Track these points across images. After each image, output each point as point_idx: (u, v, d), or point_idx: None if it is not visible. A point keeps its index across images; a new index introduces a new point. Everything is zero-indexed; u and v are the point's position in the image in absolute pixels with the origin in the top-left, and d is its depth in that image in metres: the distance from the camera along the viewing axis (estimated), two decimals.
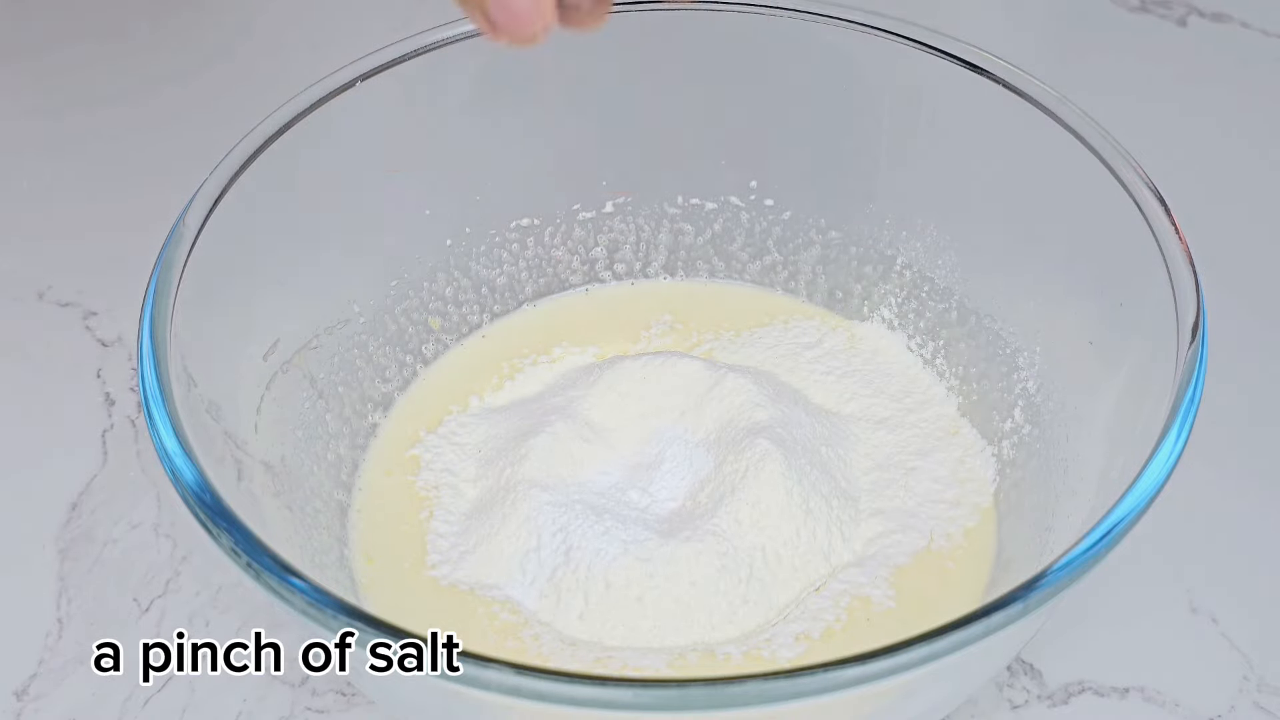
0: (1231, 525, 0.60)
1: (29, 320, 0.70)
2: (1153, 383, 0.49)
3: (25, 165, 0.77)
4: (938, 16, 0.61)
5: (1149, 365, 0.49)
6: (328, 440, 0.57)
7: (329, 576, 0.52)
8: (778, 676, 0.40)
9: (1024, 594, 0.42)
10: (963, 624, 0.41)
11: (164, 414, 0.46)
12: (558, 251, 0.65)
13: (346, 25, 0.82)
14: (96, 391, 0.67)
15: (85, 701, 0.56)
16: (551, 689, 0.40)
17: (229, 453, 0.49)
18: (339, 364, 0.58)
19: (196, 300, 0.50)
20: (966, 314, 0.61)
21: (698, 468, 0.56)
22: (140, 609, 0.59)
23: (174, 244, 0.51)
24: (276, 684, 0.56)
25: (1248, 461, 0.62)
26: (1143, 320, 0.51)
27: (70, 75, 0.81)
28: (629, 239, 0.65)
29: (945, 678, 0.45)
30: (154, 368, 0.47)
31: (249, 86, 0.74)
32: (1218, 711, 0.55)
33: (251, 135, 0.54)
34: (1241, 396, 0.64)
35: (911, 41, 0.58)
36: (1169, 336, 0.49)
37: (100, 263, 0.71)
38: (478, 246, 0.63)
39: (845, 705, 0.42)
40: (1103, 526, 0.44)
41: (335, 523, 0.55)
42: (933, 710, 0.49)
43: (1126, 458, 0.48)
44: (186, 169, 0.56)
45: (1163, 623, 0.58)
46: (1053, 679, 0.56)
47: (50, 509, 0.62)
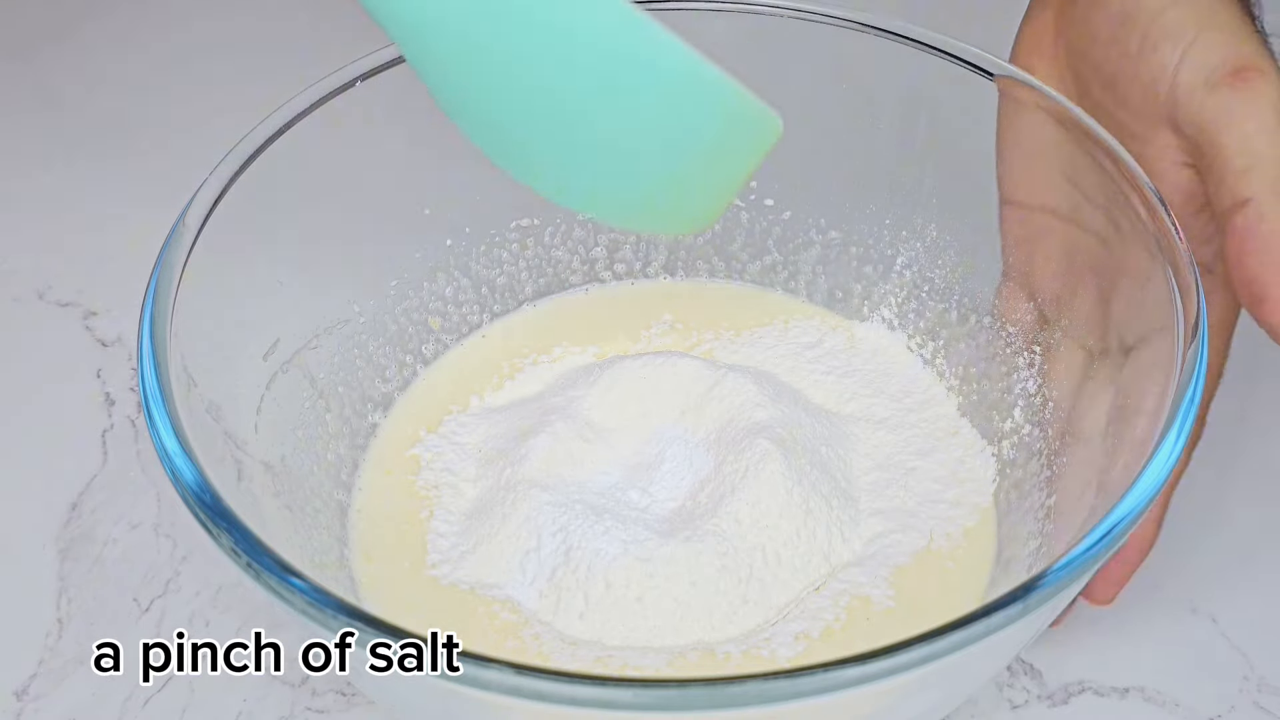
0: (1231, 525, 0.60)
1: (29, 320, 0.70)
2: (1153, 382, 0.49)
3: (25, 165, 0.77)
4: (938, 16, 0.61)
5: (1149, 365, 0.49)
6: (328, 440, 0.57)
7: (329, 576, 0.52)
8: (777, 676, 0.40)
9: (1024, 594, 0.42)
10: (963, 624, 0.41)
11: (164, 414, 0.46)
12: (558, 251, 0.65)
13: (346, 26, 0.82)
14: (96, 391, 0.67)
15: (85, 701, 0.56)
16: (551, 689, 0.40)
17: (229, 453, 0.49)
18: (339, 364, 0.58)
19: (196, 300, 0.50)
20: (966, 314, 0.61)
21: (698, 468, 0.56)
22: (140, 609, 0.59)
23: (174, 244, 0.51)
24: (276, 684, 0.56)
25: (1248, 462, 0.62)
26: (1143, 319, 0.51)
27: (70, 74, 0.81)
28: (629, 239, 0.65)
29: (945, 678, 0.45)
30: (154, 368, 0.47)
31: (249, 86, 0.74)
32: (1218, 712, 0.55)
33: (251, 135, 0.54)
34: (1242, 396, 0.64)
35: (911, 41, 0.58)
36: (1169, 336, 0.49)
37: (100, 263, 0.71)
38: (478, 246, 0.63)
39: (845, 705, 0.42)
40: (1103, 526, 0.44)
41: (335, 523, 0.55)
42: (933, 710, 0.49)
43: (1126, 458, 0.48)
44: (187, 169, 0.56)
45: (1163, 623, 0.58)
46: (1053, 679, 0.56)
47: (50, 509, 0.62)
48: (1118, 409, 0.51)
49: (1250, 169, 0.48)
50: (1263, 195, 0.47)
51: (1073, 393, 0.55)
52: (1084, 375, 0.54)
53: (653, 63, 0.42)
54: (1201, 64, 0.50)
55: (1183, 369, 0.47)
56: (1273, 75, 0.49)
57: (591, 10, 0.42)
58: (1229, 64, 0.49)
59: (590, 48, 0.42)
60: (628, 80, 0.43)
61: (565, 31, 0.42)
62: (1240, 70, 0.49)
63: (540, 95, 0.44)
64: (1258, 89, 0.49)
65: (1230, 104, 0.49)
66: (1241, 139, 0.48)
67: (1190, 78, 0.50)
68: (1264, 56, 0.49)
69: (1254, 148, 0.48)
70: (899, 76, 0.59)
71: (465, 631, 0.52)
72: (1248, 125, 0.48)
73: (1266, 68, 0.49)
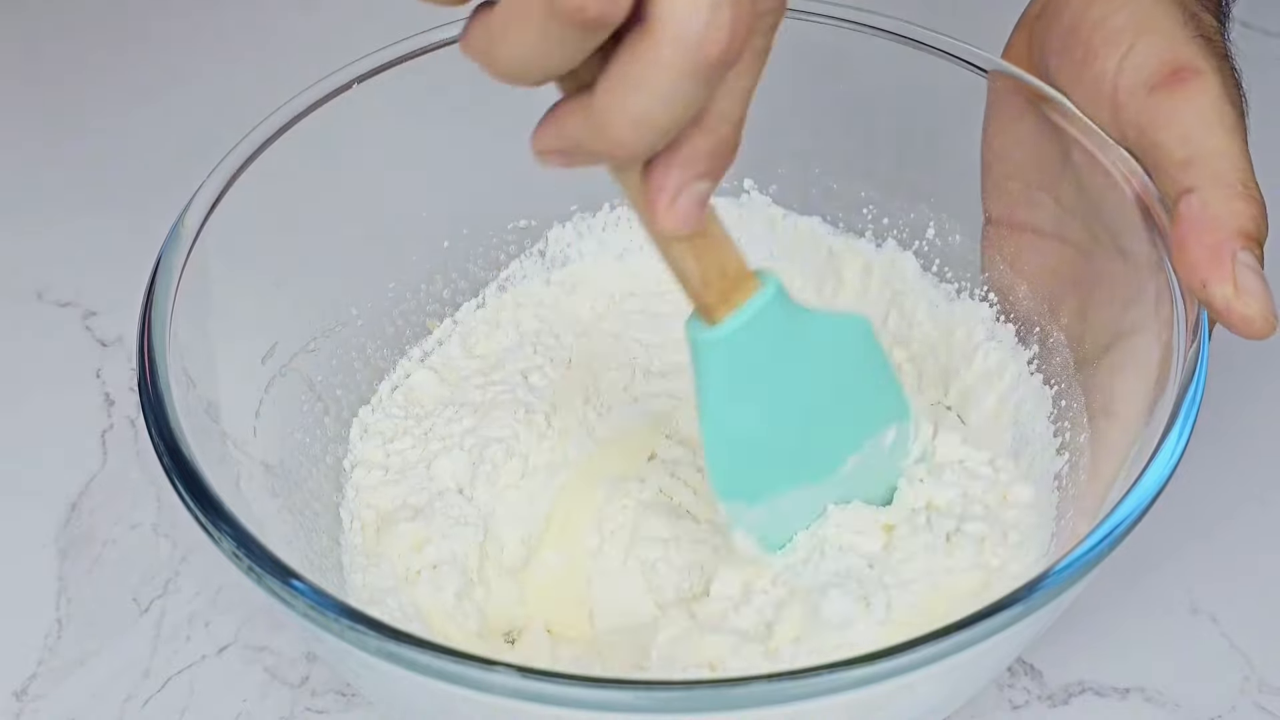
0: (1232, 525, 0.60)
1: (28, 320, 0.70)
2: (1153, 384, 0.49)
3: (25, 164, 0.77)
4: (939, 16, 0.61)
5: (1150, 367, 0.49)
6: (326, 443, 0.57)
7: (329, 579, 0.52)
8: (779, 678, 0.40)
9: (1025, 595, 0.42)
10: (963, 625, 0.41)
11: (164, 415, 0.46)
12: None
13: (345, 26, 0.81)
14: (96, 391, 0.66)
15: (84, 702, 0.56)
16: (552, 691, 0.40)
17: (228, 454, 0.49)
18: (337, 366, 0.58)
19: (195, 301, 0.50)
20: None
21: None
22: (140, 609, 0.59)
23: (172, 245, 0.51)
24: (276, 684, 0.56)
25: (1248, 462, 0.62)
26: (1144, 320, 0.51)
27: (70, 74, 0.81)
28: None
29: (946, 679, 0.45)
30: (152, 368, 0.47)
31: (249, 87, 0.74)
32: (1218, 712, 0.55)
33: (250, 136, 0.54)
34: (1242, 396, 0.64)
35: (911, 41, 0.58)
36: (1170, 336, 0.49)
37: (100, 263, 0.71)
38: (475, 248, 0.63)
39: (846, 706, 0.42)
40: (1103, 528, 0.44)
41: (334, 525, 0.55)
42: (933, 711, 0.49)
43: (1127, 458, 0.48)
44: (187, 169, 0.55)
45: (1163, 623, 0.58)
46: (1053, 679, 0.56)
47: (50, 509, 0.62)
48: (1118, 410, 0.51)
49: (1190, 161, 0.49)
50: (1203, 184, 0.48)
51: (1070, 396, 0.55)
52: (1083, 376, 0.54)
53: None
54: (1140, 68, 0.51)
55: (1183, 369, 0.47)
56: (1210, 75, 0.50)
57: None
58: (1167, 66, 0.50)
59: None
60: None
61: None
62: (1177, 71, 0.50)
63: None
64: (1195, 88, 0.49)
65: (1168, 104, 0.50)
66: (1181, 135, 0.49)
67: (1130, 81, 0.51)
68: (1203, 57, 0.50)
69: (1193, 141, 0.49)
70: (899, 76, 0.59)
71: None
72: (1186, 121, 0.49)
73: (1204, 68, 0.50)
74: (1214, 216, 0.48)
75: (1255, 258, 0.47)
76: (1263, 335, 0.47)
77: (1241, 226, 0.47)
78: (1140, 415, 0.48)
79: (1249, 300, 0.47)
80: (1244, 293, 0.47)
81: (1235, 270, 0.47)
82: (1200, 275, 0.47)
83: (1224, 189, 0.48)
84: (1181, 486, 0.53)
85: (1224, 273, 0.47)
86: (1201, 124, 0.49)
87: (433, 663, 0.41)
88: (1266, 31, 0.81)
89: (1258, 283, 0.47)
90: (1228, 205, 0.48)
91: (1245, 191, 0.48)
